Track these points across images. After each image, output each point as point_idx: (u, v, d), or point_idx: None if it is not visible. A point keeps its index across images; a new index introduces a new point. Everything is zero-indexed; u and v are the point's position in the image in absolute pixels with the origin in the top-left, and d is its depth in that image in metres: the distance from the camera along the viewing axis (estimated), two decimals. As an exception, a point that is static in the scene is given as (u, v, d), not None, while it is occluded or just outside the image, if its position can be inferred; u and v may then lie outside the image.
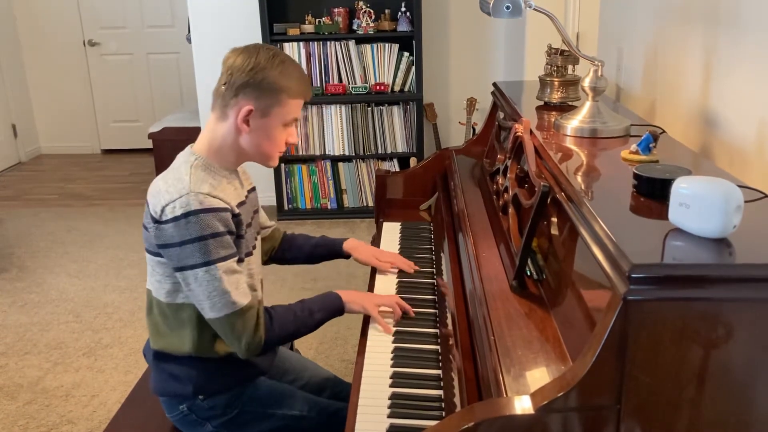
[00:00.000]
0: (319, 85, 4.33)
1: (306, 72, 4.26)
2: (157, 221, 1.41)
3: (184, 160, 1.49)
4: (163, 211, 1.40)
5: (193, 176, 1.43)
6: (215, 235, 1.40)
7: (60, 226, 4.50)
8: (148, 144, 5.06)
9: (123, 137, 6.25)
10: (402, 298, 1.65)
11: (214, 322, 1.45)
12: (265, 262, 1.80)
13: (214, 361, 1.54)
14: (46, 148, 6.32)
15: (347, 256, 1.86)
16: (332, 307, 1.60)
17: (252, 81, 1.43)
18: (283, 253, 1.83)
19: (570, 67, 1.98)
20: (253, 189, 1.65)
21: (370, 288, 1.78)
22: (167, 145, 4.86)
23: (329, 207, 4.52)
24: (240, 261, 1.49)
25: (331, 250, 1.86)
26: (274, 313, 1.52)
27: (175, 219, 1.38)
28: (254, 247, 1.59)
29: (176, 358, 1.54)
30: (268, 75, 1.43)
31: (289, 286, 3.43)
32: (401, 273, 1.82)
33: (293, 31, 4.21)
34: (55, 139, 6.28)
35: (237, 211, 1.47)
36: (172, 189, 1.41)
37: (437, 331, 1.56)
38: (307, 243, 1.86)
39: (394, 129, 4.41)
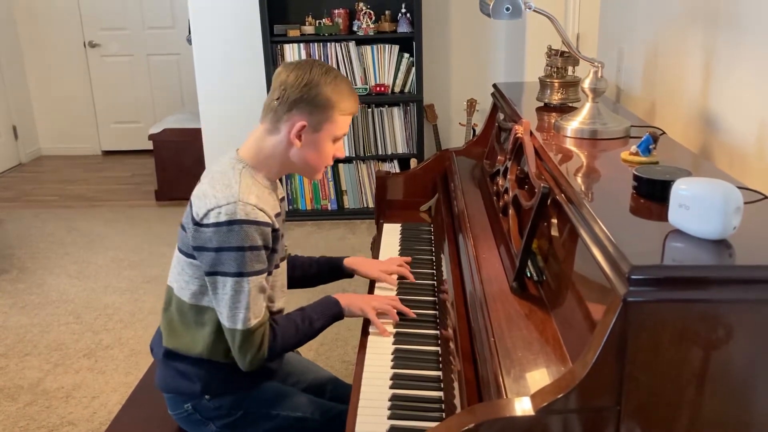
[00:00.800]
0: (319, 87, 4.33)
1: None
2: (198, 223, 1.42)
3: (230, 165, 1.49)
4: (207, 214, 1.41)
5: (242, 184, 1.44)
6: (253, 248, 1.41)
7: (60, 227, 4.50)
8: (149, 145, 5.06)
9: (123, 138, 6.25)
10: (402, 300, 1.65)
11: (226, 330, 1.47)
12: None
13: (224, 364, 1.55)
14: (46, 149, 6.33)
15: (350, 274, 1.84)
16: (331, 313, 1.61)
17: (306, 97, 1.46)
18: None
19: (570, 68, 1.98)
20: (284, 198, 1.66)
21: (370, 290, 1.78)
22: (168, 147, 4.86)
23: (329, 208, 4.52)
24: (269, 273, 1.50)
25: (334, 269, 1.83)
26: (277, 328, 1.52)
27: (218, 225, 1.40)
28: (283, 259, 1.61)
29: (187, 357, 1.55)
30: (321, 91, 1.46)
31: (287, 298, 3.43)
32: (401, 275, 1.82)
33: (293, 33, 4.22)
34: (56, 140, 6.28)
35: (277, 226, 1.49)
36: (219, 194, 1.42)
37: (437, 332, 1.56)
38: (307, 263, 1.83)
39: (395, 130, 4.41)
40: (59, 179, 5.64)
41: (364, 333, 1.58)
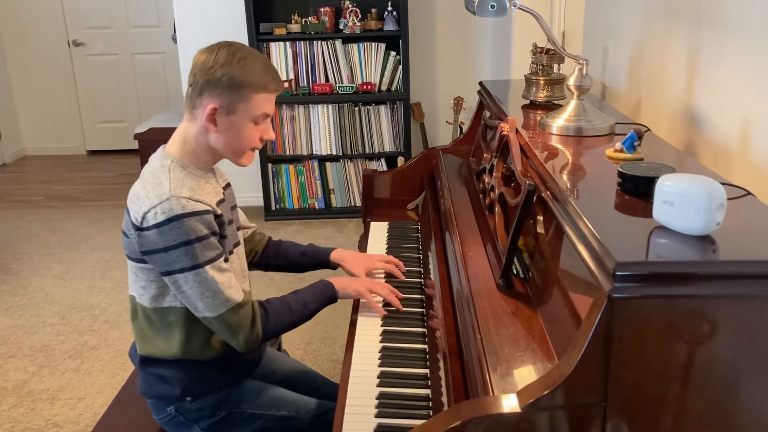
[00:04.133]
0: (305, 85, 4.32)
1: (288, 70, 4.28)
2: (139, 228, 1.40)
3: (159, 163, 1.47)
4: (144, 217, 1.39)
5: (172, 180, 1.42)
6: (200, 238, 1.40)
7: (45, 227, 4.46)
8: (134, 145, 5.03)
9: (109, 138, 6.20)
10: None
11: (210, 321, 1.45)
12: (248, 267, 1.79)
13: (202, 363, 1.54)
14: (30, 149, 6.27)
15: (334, 267, 1.82)
16: (325, 296, 1.60)
17: (212, 79, 1.42)
18: (268, 259, 1.81)
19: (555, 65, 1.99)
20: (228, 185, 1.64)
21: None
22: (153, 146, 4.74)
23: (317, 207, 4.52)
24: (225, 260, 1.48)
25: (318, 260, 1.83)
26: (269, 306, 1.52)
27: (158, 225, 1.38)
28: (237, 244, 1.59)
29: (163, 360, 1.53)
30: (228, 71, 1.42)
31: (277, 285, 3.42)
32: (388, 273, 1.82)
33: (279, 31, 4.20)
34: (40, 140, 6.23)
35: (219, 211, 1.47)
36: (152, 194, 1.40)
37: (424, 330, 1.56)
38: (292, 250, 1.83)
39: (382, 128, 4.41)
40: (44, 179, 5.59)
41: (351, 331, 1.58)
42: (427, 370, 1.41)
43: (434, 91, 4.74)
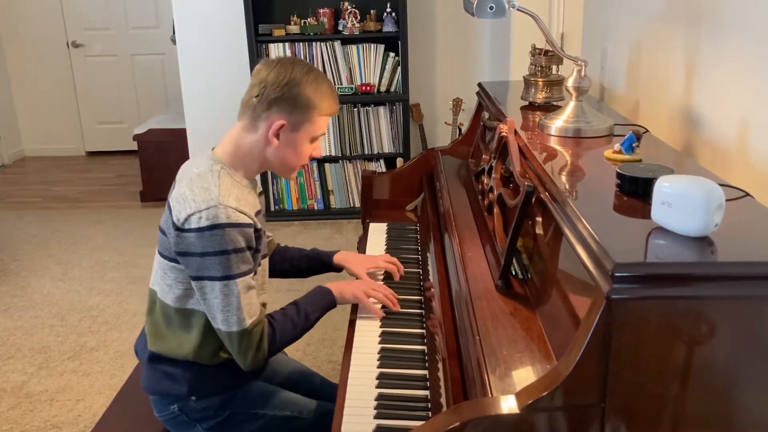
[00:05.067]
0: (305, 86, 4.32)
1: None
2: (180, 228, 1.41)
3: (208, 167, 1.47)
4: (187, 219, 1.40)
5: (221, 187, 1.43)
6: (237, 250, 1.40)
7: (44, 228, 4.46)
8: (133, 146, 5.02)
9: (108, 139, 6.20)
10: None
11: (222, 334, 1.46)
12: None
13: (211, 366, 1.54)
14: (29, 150, 6.26)
15: (338, 269, 1.83)
16: (325, 303, 1.61)
17: (286, 96, 1.44)
18: (273, 265, 1.81)
19: (554, 67, 1.99)
20: (262, 193, 1.65)
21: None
22: (152, 147, 4.83)
23: (316, 208, 4.52)
24: (254, 275, 1.49)
25: (322, 264, 1.84)
26: (275, 324, 1.52)
27: (200, 230, 1.38)
28: (265, 255, 1.60)
29: (173, 359, 1.54)
30: (302, 91, 1.45)
31: (275, 287, 3.42)
32: (387, 274, 1.82)
33: (278, 32, 4.20)
34: (39, 141, 6.22)
35: (258, 225, 1.48)
36: (199, 198, 1.40)
37: (423, 331, 1.56)
38: (296, 255, 1.84)
39: (381, 129, 4.41)
40: (43, 180, 5.59)
41: (350, 333, 1.58)
42: (425, 371, 1.41)
43: (433, 92, 4.74)
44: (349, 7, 4.24)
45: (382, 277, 1.81)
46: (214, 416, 1.57)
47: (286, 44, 4.23)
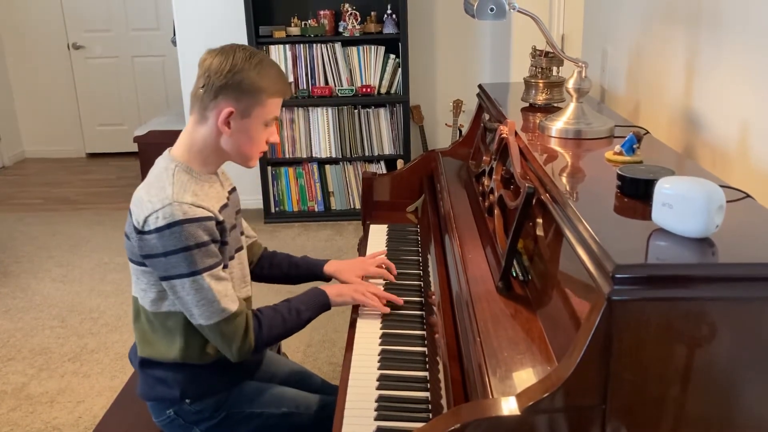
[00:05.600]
0: (305, 88, 4.33)
1: (287, 73, 4.29)
2: (141, 231, 1.40)
3: (164, 166, 1.47)
4: (146, 221, 1.39)
5: (175, 184, 1.42)
6: (200, 245, 1.39)
7: (45, 230, 4.46)
8: (134, 147, 5.03)
9: (108, 141, 6.21)
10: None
11: (204, 328, 1.45)
12: None
13: (202, 366, 1.54)
14: (30, 152, 6.27)
15: (328, 279, 1.82)
16: (319, 304, 1.60)
17: (231, 82, 1.42)
18: (261, 270, 1.80)
19: (554, 68, 1.99)
20: (234, 189, 1.64)
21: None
22: (153, 149, 4.79)
23: (316, 209, 4.52)
24: (225, 267, 1.48)
25: (311, 273, 1.82)
26: (261, 316, 1.52)
27: (159, 230, 1.38)
28: (240, 249, 1.59)
29: (163, 363, 1.53)
30: (246, 76, 1.42)
31: (275, 288, 3.42)
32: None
33: (279, 34, 4.21)
34: (40, 143, 6.23)
35: (221, 218, 1.46)
36: (155, 199, 1.40)
37: (424, 333, 1.56)
38: (285, 262, 1.82)
39: (381, 131, 4.41)
40: (43, 182, 5.59)
41: (351, 334, 1.58)
42: (426, 373, 1.41)
43: (434, 93, 4.74)
44: (349, 9, 4.24)
45: (382, 282, 1.79)
46: (211, 418, 1.57)
47: (287, 46, 4.24)
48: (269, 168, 4.42)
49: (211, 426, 1.57)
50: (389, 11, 4.25)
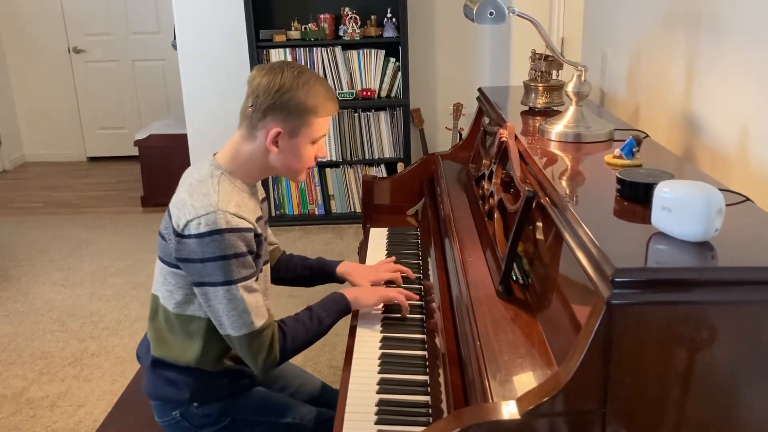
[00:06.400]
0: (305, 91, 4.32)
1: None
2: (180, 234, 1.40)
3: (208, 172, 1.47)
4: (187, 225, 1.39)
5: (220, 192, 1.42)
6: (238, 255, 1.40)
7: (45, 234, 4.46)
8: (134, 151, 5.03)
9: (109, 144, 6.21)
10: (389, 305, 1.66)
11: (232, 339, 1.45)
12: None
13: (213, 372, 1.54)
14: (31, 155, 6.27)
15: (341, 280, 1.82)
16: (339, 309, 1.60)
17: (279, 103, 1.43)
18: (278, 273, 1.81)
19: (554, 72, 1.99)
20: (265, 199, 1.65)
21: None
22: (153, 152, 4.84)
23: (317, 213, 4.52)
24: (256, 279, 1.48)
25: (325, 274, 1.82)
26: (286, 328, 1.51)
27: (200, 236, 1.38)
28: (266, 261, 1.60)
29: (176, 365, 1.54)
30: (294, 96, 1.43)
31: (276, 292, 3.41)
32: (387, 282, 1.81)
33: (279, 38, 4.21)
34: (41, 146, 6.23)
35: (259, 230, 1.48)
36: (198, 204, 1.40)
37: (424, 336, 1.56)
38: (300, 264, 1.83)
39: (381, 134, 4.41)
40: (44, 186, 5.60)
41: (351, 339, 1.58)
42: (426, 377, 1.41)
43: (434, 97, 4.74)
44: (349, 13, 4.25)
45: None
46: (216, 422, 1.57)
47: (287, 50, 4.24)
48: (269, 171, 4.41)
49: (216, 430, 1.57)
50: (389, 15, 4.26)
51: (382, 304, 1.66)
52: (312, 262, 1.84)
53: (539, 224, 1.33)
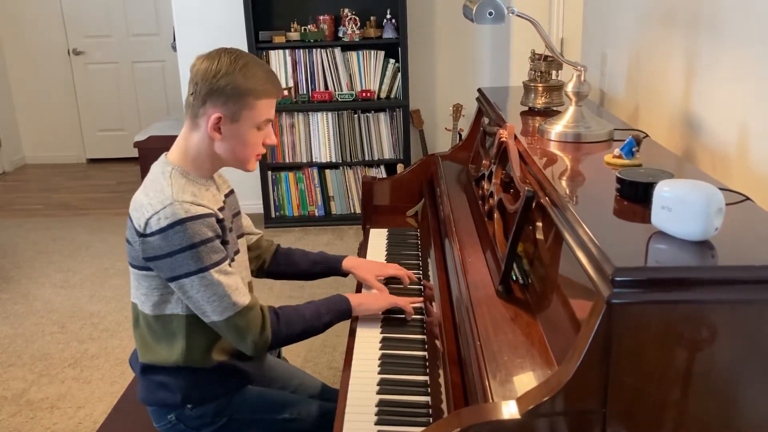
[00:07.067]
0: (305, 92, 4.33)
1: (287, 78, 4.28)
2: (143, 234, 1.40)
3: (160, 170, 1.47)
4: (147, 223, 1.39)
5: (174, 185, 1.42)
6: (205, 241, 1.39)
7: (45, 236, 4.46)
8: (134, 153, 5.04)
9: (108, 146, 6.21)
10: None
11: (218, 325, 1.44)
12: (256, 275, 1.78)
13: (203, 371, 1.54)
14: (30, 157, 6.27)
15: (345, 274, 1.82)
16: (340, 310, 1.59)
17: (216, 88, 1.41)
18: (278, 266, 1.80)
19: (554, 72, 1.99)
20: (231, 192, 1.64)
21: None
22: (153, 154, 4.77)
23: (316, 214, 4.51)
24: (230, 263, 1.48)
25: (330, 268, 1.82)
26: (281, 312, 1.51)
27: (162, 230, 1.38)
28: (237, 252, 1.59)
29: (164, 368, 1.53)
30: (231, 80, 1.41)
31: (276, 293, 3.42)
32: (389, 279, 1.81)
33: (279, 39, 4.21)
34: (40, 148, 6.23)
35: (221, 216, 1.47)
36: (154, 201, 1.40)
37: (424, 337, 1.56)
38: (304, 259, 1.82)
39: (381, 135, 4.41)
40: (44, 188, 5.60)
41: (351, 340, 1.58)
42: (426, 377, 1.41)
43: (433, 98, 4.74)
44: (349, 14, 4.25)
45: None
46: (212, 423, 1.57)
47: (287, 51, 4.24)
48: (269, 173, 4.42)
49: (213, 431, 1.57)
50: (389, 16, 4.26)
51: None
52: (316, 256, 1.83)
53: (539, 224, 1.33)
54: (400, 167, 4.41)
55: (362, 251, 2.07)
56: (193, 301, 1.43)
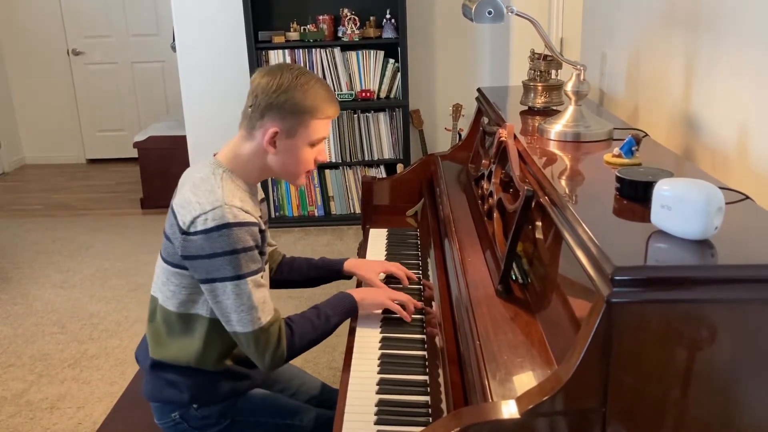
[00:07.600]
0: (304, 93, 4.32)
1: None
2: (186, 232, 1.40)
3: (210, 171, 1.47)
4: (193, 222, 1.39)
5: (224, 188, 1.43)
6: (246, 249, 1.40)
7: (45, 236, 4.46)
8: (134, 153, 5.03)
9: (108, 147, 6.21)
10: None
11: (239, 336, 1.44)
12: None
13: (213, 373, 1.54)
14: (30, 158, 6.27)
15: (348, 276, 1.82)
16: (346, 309, 1.60)
17: (275, 103, 1.44)
18: (281, 275, 1.81)
19: (553, 71, 1.99)
20: (263, 200, 1.65)
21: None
22: (153, 154, 4.84)
23: (316, 214, 4.51)
24: (262, 275, 1.48)
25: (332, 272, 1.82)
26: (293, 325, 1.51)
27: (207, 231, 1.38)
28: (266, 261, 1.59)
29: (175, 366, 1.53)
30: (291, 96, 1.44)
31: (276, 293, 3.41)
32: (389, 279, 1.81)
33: (278, 39, 4.21)
34: (40, 149, 6.23)
35: (263, 226, 1.48)
36: (204, 200, 1.40)
37: (424, 336, 1.56)
38: (305, 265, 1.83)
39: (381, 135, 4.41)
40: (43, 188, 5.59)
41: (351, 339, 1.57)
42: (426, 377, 1.41)
43: (433, 98, 4.74)
44: (348, 14, 4.25)
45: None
46: (216, 424, 1.57)
47: (286, 51, 4.24)
48: (269, 173, 4.41)
49: (215, 432, 1.57)
50: (388, 16, 4.26)
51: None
52: (317, 262, 1.84)
53: (538, 224, 1.32)
54: (399, 167, 4.41)
55: (362, 251, 2.07)
56: (221, 307, 1.43)
